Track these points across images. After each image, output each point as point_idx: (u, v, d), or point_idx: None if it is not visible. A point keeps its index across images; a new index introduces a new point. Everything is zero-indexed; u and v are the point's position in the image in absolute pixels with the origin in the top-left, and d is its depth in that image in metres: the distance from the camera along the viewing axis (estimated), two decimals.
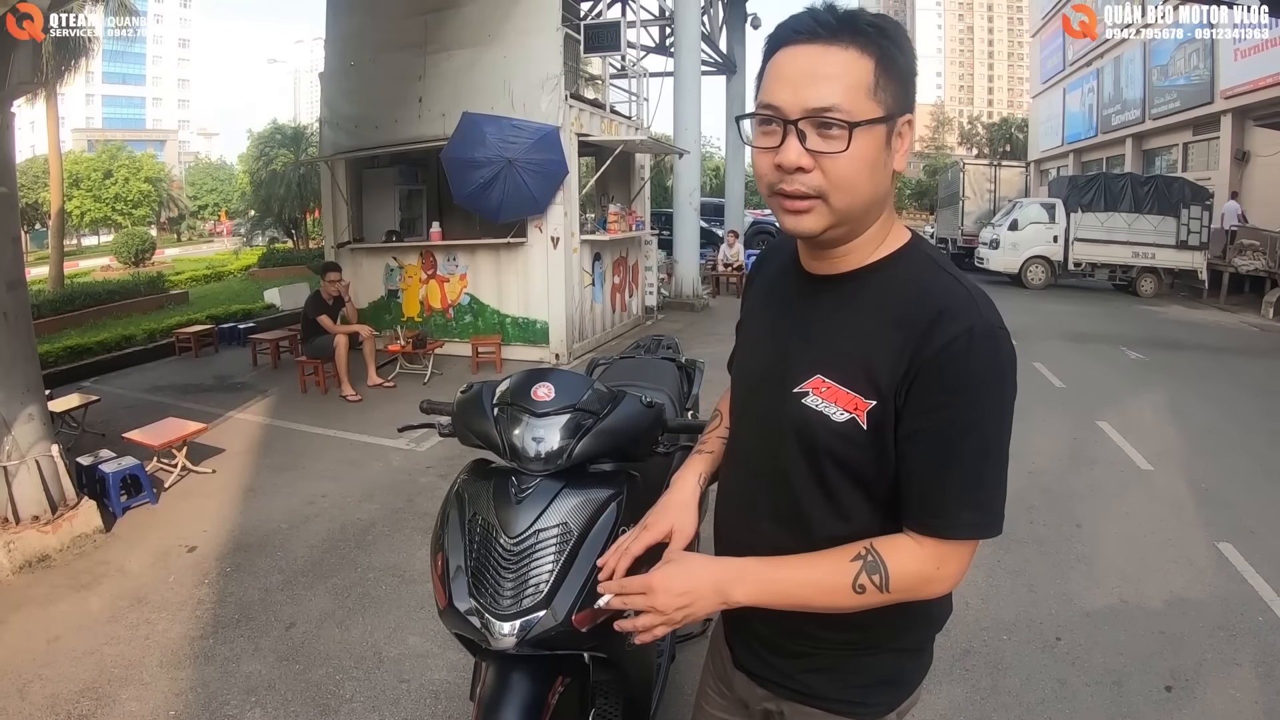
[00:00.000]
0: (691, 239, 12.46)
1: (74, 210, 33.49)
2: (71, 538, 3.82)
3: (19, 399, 3.73)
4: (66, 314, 11.62)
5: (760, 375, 1.08)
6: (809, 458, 0.99)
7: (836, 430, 0.96)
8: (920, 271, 0.98)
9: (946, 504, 0.94)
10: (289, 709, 2.55)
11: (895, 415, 0.93)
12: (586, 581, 1.37)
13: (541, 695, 1.39)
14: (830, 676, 1.08)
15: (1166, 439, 5.58)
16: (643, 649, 1.62)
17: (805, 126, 0.90)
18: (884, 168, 0.94)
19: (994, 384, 0.92)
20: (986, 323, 0.92)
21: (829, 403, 0.96)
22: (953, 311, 0.91)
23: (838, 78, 0.89)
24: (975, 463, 0.93)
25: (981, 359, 0.91)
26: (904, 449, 0.94)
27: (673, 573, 1.01)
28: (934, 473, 0.93)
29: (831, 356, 0.97)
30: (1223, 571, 3.55)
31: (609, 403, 1.53)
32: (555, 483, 1.44)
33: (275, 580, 3.49)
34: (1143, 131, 21.33)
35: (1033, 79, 33.21)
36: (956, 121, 62.40)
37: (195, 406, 6.54)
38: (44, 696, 2.65)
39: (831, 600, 0.96)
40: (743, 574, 0.99)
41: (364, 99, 9.04)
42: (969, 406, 0.91)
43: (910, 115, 0.95)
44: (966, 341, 0.90)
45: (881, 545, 0.96)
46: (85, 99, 58.12)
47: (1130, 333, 10.32)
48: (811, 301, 1.03)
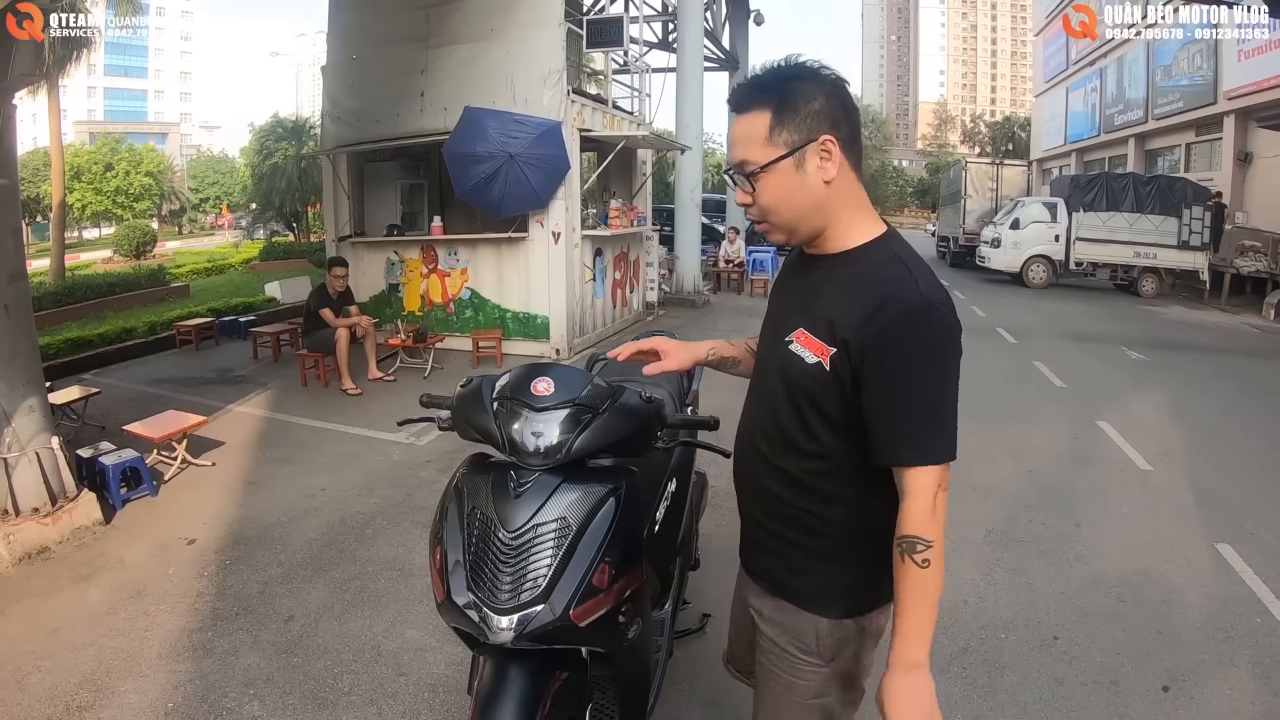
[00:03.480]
0: (693, 235, 12.45)
1: (75, 203, 33.43)
2: (71, 530, 3.82)
3: (19, 391, 3.73)
4: (67, 306, 11.63)
5: (769, 326, 1.40)
6: (788, 389, 1.29)
7: (807, 371, 1.25)
8: (879, 262, 1.25)
9: (898, 445, 1.19)
10: (287, 702, 2.56)
11: (852, 372, 1.20)
12: (585, 576, 1.37)
13: (539, 690, 1.39)
14: (804, 578, 1.35)
15: (1167, 439, 5.58)
16: (640, 645, 1.62)
17: (737, 176, 1.27)
18: (806, 185, 1.23)
19: (928, 353, 1.18)
20: (925, 302, 1.18)
21: (805, 349, 1.26)
22: (895, 298, 1.18)
23: (744, 139, 1.25)
24: (911, 409, 1.18)
25: (918, 334, 1.17)
26: (865, 405, 1.20)
27: (885, 696, 1.19)
28: (884, 414, 1.19)
29: (809, 315, 1.27)
30: (1221, 572, 3.55)
31: (608, 398, 1.53)
32: (554, 477, 1.44)
33: (274, 573, 3.49)
34: (1145, 131, 21.29)
35: (1036, 78, 33.14)
36: (959, 120, 62.23)
37: (195, 399, 6.55)
38: (43, 688, 2.65)
39: (930, 584, 1.19)
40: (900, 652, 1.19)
41: (366, 92, 9.03)
42: (905, 365, 1.17)
43: (828, 135, 1.21)
44: (904, 321, 1.16)
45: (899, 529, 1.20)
46: (87, 91, 58.06)
47: (1131, 333, 10.33)
48: (805, 276, 1.34)
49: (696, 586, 3.22)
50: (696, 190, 12.41)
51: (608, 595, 1.41)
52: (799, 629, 1.35)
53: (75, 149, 36.05)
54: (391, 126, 8.89)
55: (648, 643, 1.71)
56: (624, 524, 1.47)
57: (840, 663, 1.36)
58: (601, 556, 1.40)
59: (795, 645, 1.36)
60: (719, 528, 3.89)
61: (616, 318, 10.07)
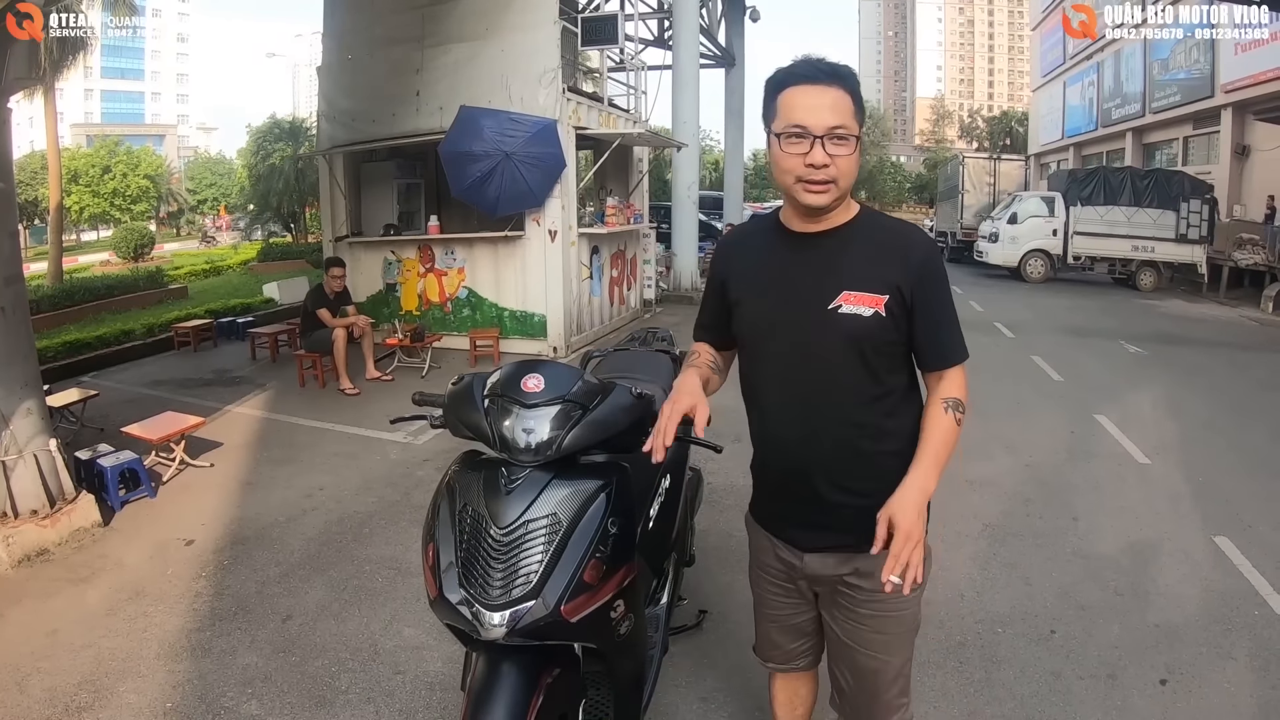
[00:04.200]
0: (690, 232, 12.45)
1: (73, 206, 33.35)
2: (70, 531, 3.83)
3: (17, 394, 3.73)
4: (65, 309, 11.61)
5: (783, 310, 1.48)
6: (852, 346, 1.43)
7: (867, 324, 1.42)
8: (883, 222, 1.52)
9: (948, 347, 1.49)
10: (285, 701, 2.56)
11: (905, 304, 1.43)
12: (576, 572, 1.38)
13: (531, 685, 1.40)
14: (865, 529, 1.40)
15: (1165, 433, 5.57)
16: (633, 640, 1.63)
17: (827, 138, 1.37)
18: (858, 162, 1.42)
19: (943, 275, 1.49)
20: (927, 238, 1.54)
21: (859, 305, 1.42)
22: (915, 240, 1.48)
23: (838, 107, 1.37)
24: (952, 322, 1.49)
25: (936, 263, 1.48)
26: (918, 323, 1.45)
27: (906, 515, 1.35)
28: (938, 333, 1.48)
29: (850, 278, 1.43)
30: (1219, 565, 3.54)
31: (599, 394, 1.54)
32: (545, 474, 1.44)
33: (272, 573, 3.50)
34: (1143, 125, 21.29)
35: (1033, 72, 33.11)
36: (957, 115, 62.15)
37: (194, 400, 6.55)
38: (43, 689, 2.66)
39: (955, 440, 1.46)
40: (923, 475, 1.40)
41: (362, 93, 9.03)
42: (941, 291, 1.48)
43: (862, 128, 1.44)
44: (928, 254, 1.47)
45: (945, 393, 1.47)
46: (84, 94, 57.96)
47: (1129, 327, 10.33)
48: (813, 251, 1.47)
49: (693, 583, 3.23)
50: (693, 187, 12.40)
51: (599, 591, 1.42)
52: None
53: (72, 152, 35.94)
54: (387, 127, 8.88)
55: (641, 638, 1.71)
56: (615, 520, 1.47)
57: (920, 590, 1.48)
58: (592, 552, 1.41)
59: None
60: (716, 524, 3.90)
61: (614, 315, 10.07)
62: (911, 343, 1.47)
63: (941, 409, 1.45)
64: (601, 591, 1.43)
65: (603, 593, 1.43)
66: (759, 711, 2.43)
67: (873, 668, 1.58)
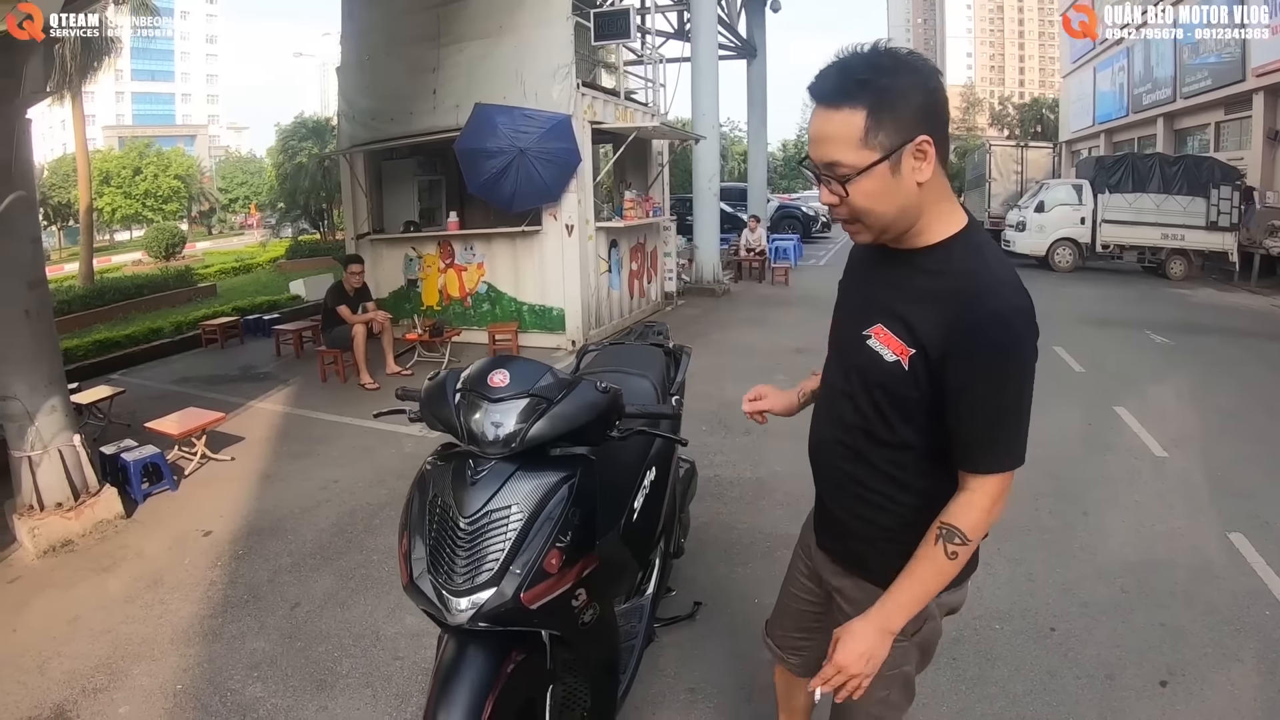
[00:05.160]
0: (712, 224, 12.39)
1: (105, 207, 34.24)
2: (93, 523, 3.97)
3: (42, 392, 3.88)
4: (96, 309, 11.96)
5: (845, 319, 1.38)
6: (865, 385, 1.29)
7: (885, 368, 1.24)
8: (962, 262, 1.21)
9: (972, 450, 1.21)
10: (288, 684, 2.66)
11: (930, 375, 1.19)
12: (536, 560, 1.42)
13: (495, 669, 1.45)
14: (887, 560, 1.33)
15: (1185, 425, 5.46)
16: (601, 629, 1.67)
17: (825, 175, 1.18)
18: (896, 190, 1.17)
19: (1006, 363, 1.16)
20: (1008, 304, 1.16)
21: (884, 346, 1.24)
22: (977, 305, 1.15)
23: (834, 138, 1.15)
24: (998, 418, 1.19)
25: (997, 344, 1.15)
26: (949, 406, 1.20)
27: (848, 647, 1.26)
28: (970, 426, 1.20)
29: (889, 313, 1.24)
30: (1232, 563, 3.45)
31: (564, 389, 1.58)
32: (509, 465, 1.49)
33: (284, 562, 3.60)
34: (1174, 111, 20.68)
35: (1063, 58, 32.33)
36: (987, 102, 61.03)
37: (219, 396, 6.72)
38: (62, 672, 2.79)
39: (947, 574, 1.25)
40: (888, 613, 1.26)
41: (380, 92, 9.15)
42: (989, 373, 1.16)
43: (924, 136, 1.14)
44: (986, 330, 1.14)
45: (947, 516, 1.23)
46: (115, 96, 59.37)
47: (1156, 316, 10.10)
48: (886, 270, 1.29)
49: (690, 574, 3.27)
50: (714, 179, 12.34)
51: (559, 580, 1.46)
52: None
53: (104, 154, 36.88)
54: (405, 125, 8.99)
55: (610, 628, 1.75)
56: (576, 511, 1.51)
57: (921, 635, 1.41)
58: (552, 542, 1.45)
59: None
60: (719, 517, 3.93)
61: (634, 308, 10.09)
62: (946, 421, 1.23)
63: (934, 538, 1.23)
64: (562, 580, 1.47)
65: (563, 581, 1.48)
66: (746, 704, 2.46)
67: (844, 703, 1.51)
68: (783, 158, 51.25)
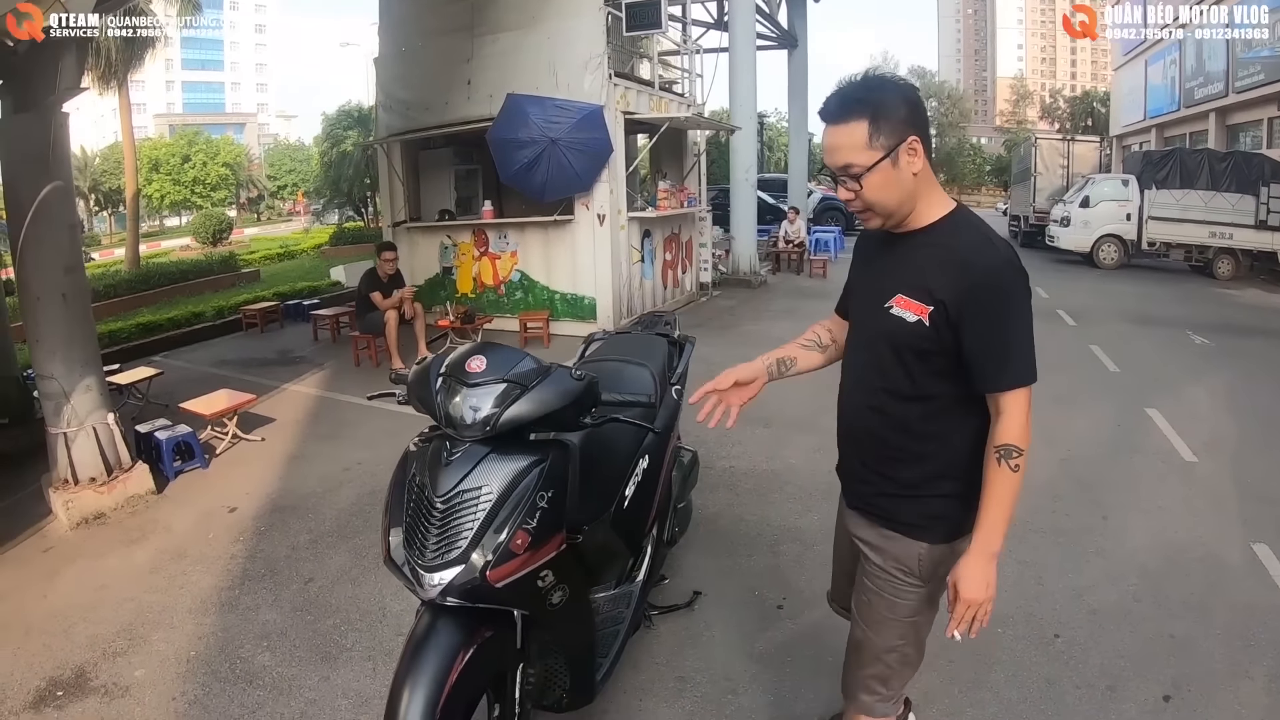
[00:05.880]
0: (748, 215, 12.30)
1: (154, 193, 35.39)
2: (125, 498, 4.17)
3: (78, 372, 4.09)
4: (141, 293, 12.36)
5: (863, 298, 1.62)
6: (893, 347, 1.51)
7: (909, 329, 1.48)
8: (958, 230, 1.49)
9: (998, 374, 1.45)
10: (295, 655, 2.77)
11: (949, 319, 1.43)
12: (503, 540, 1.47)
13: (462, 643, 1.52)
14: (909, 509, 1.58)
15: (1218, 430, 5.26)
16: (572, 611, 1.71)
17: (842, 176, 1.46)
18: (898, 181, 1.45)
19: (1009, 295, 1.43)
20: (999, 259, 1.45)
21: (905, 310, 1.48)
22: (979, 260, 1.44)
23: (846, 146, 1.44)
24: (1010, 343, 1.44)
25: (998, 283, 1.43)
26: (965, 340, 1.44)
27: (968, 582, 1.49)
28: (984, 353, 1.44)
29: (905, 282, 1.49)
30: (1253, 574, 3.30)
31: (539, 375, 1.62)
32: (482, 448, 1.55)
33: (303, 539, 3.73)
34: (1226, 106, 19.79)
35: (1114, 50, 31.18)
36: (1037, 95, 59.31)
37: (254, 379, 6.93)
38: (86, 636, 2.96)
39: (1016, 487, 1.47)
40: (985, 538, 1.49)
41: (416, 83, 9.30)
42: (995, 311, 1.43)
43: (915, 135, 1.43)
44: (988, 275, 1.43)
45: (996, 440, 1.46)
46: (166, 85, 61.26)
47: (1199, 316, 9.74)
48: (893, 251, 1.55)
49: (692, 563, 3.29)
50: (751, 170, 12.24)
51: (525, 560, 1.52)
52: (904, 554, 1.59)
53: (154, 142, 38.08)
54: (441, 115, 9.13)
55: (583, 611, 1.80)
56: (544, 495, 1.56)
57: (933, 583, 1.61)
58: (520, 524, 1.50)
59: (900, 569, 1.60)
60: (730, 507, 3.95)
61: (667, 298, 10.09)
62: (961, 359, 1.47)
63: (994, 460, 1.47)
64: (527, 560, 1.53)
65: (529, 561, 1.53)
66: (732, 694, 2.49)
67: (859, 638, 1.71)
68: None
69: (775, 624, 2.92)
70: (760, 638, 2.82)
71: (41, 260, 4.02)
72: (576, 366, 2.79)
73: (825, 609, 2.99)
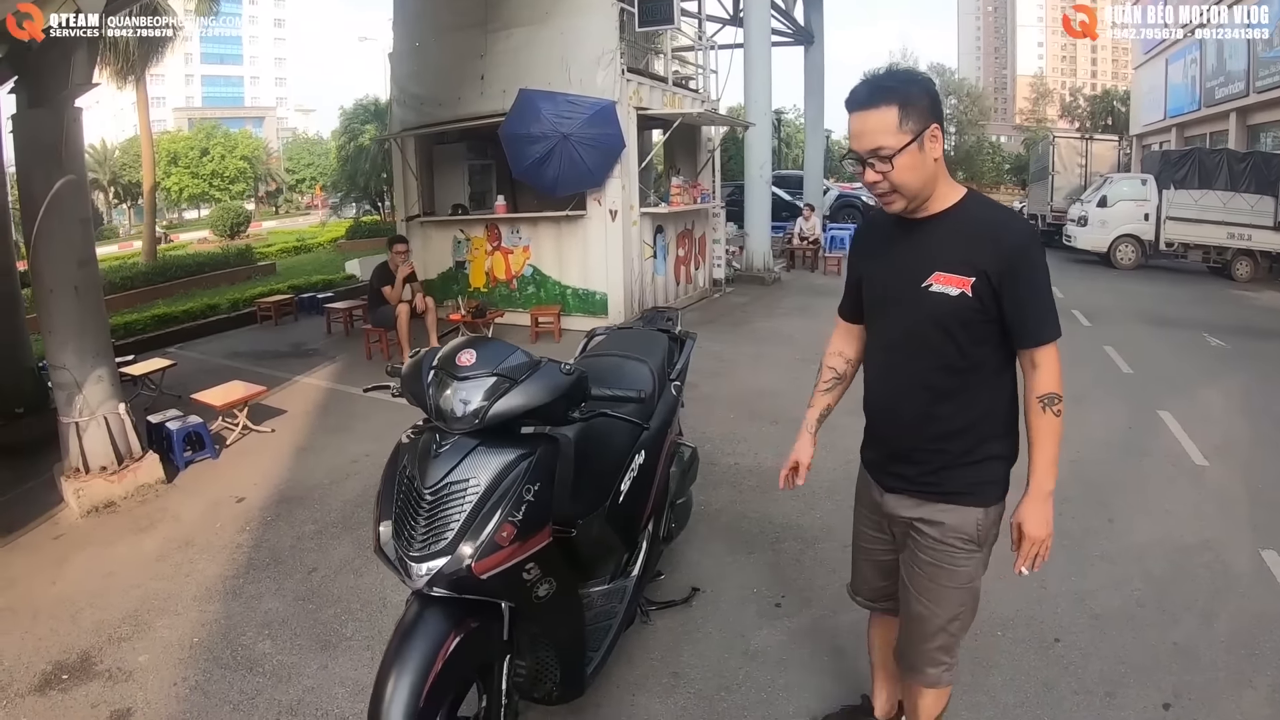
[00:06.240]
0: (763, 212, 12.24)
1: (173, 186, 35.75)
2: (135, 487, 4.23)
3: (89, 363, 4.16)
4: (159, 284, 12.50)
5: (889, 286, 1.71)
6: (939, 324, 1.62)
7: (952, 302, 1.59)
8: (979, 209, 1.65)
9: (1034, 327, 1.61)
10: (296, 643, 2.82)
11: (991, 287, 1.56)
12: (489, 533, 1.49)
13: (448, 631, 1.55)
14: (962, 479, 1.68)
15: (1231, 433, 5.18)
16: (560, 605, 1.72)
17: (871, 159, 1.56)
18: (923, 164, 1.56)
19: (1037, 260, 1.59)
20: (1023, 229, 1.64)
21: (947, 286, 1.59)
22: (1008, 228, 1.60)
23: (876, 129, 1.54)
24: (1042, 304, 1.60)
25: (1028, 250, 1.59)
26: (1006, 303, 1.58)
27: (1031, 521, 1.65)
28: (1025, 313, 1.60)
29: (940, 261, 1.60)
30: (1261, 582, 3.23)
31: (528, 370, 1.63)
32: (471, 440, 1.57)
33: (308, 530, 3.78)
34: (1247, 105, 19.43)
35: (1134, 49, 30.77)
36: (1057, 94, 58.55)
37: (267, 371, 7.00)
38: (92, 621, 3.02)
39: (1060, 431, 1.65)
40: (1040, 480, 1.64)
41: (430, 78, 9.34)
42: (1030, 273, 1.58)
43: (936, 124, 1.56)
44: (1019, 241, 1.59)
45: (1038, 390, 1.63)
46: (185, 79, 61.85)
47: (1216, 318, 9.60)
48: (914, 236, 1.65)
49: (692, 559, 3.30)
50: (766, 166, 12.18)
51: (510, 552, 1.54)
52: (962, 523, 1.70)
53: (173, 135, 38.44)
54: (454, 110, 9.17)
55: (571, 605, 1.81)
56: (531, 488, 1.57)
57: (987, 546, 1.74)
58: (506, 516, 1.52)
59: (960, 538, 1.70)
60: (733, 504, 3.95)
61: (680, 294, 10.06)
62: (1003, 322, 1.61)
63: (1039, 408, 1.63)
64: (513, 552, 1.54)
65: (514, 554, 1.55)
66: (725, 692, 2.49)
67: (920, 614, 1.78)
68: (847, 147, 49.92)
69: (772, 622, 2.91)
70: (756, 636, 2.81)
71: (54, 253, 4.09)
72: (576, 361, 2.81)
73: (823, 608, 3.01)
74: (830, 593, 3.07)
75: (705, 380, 6.35)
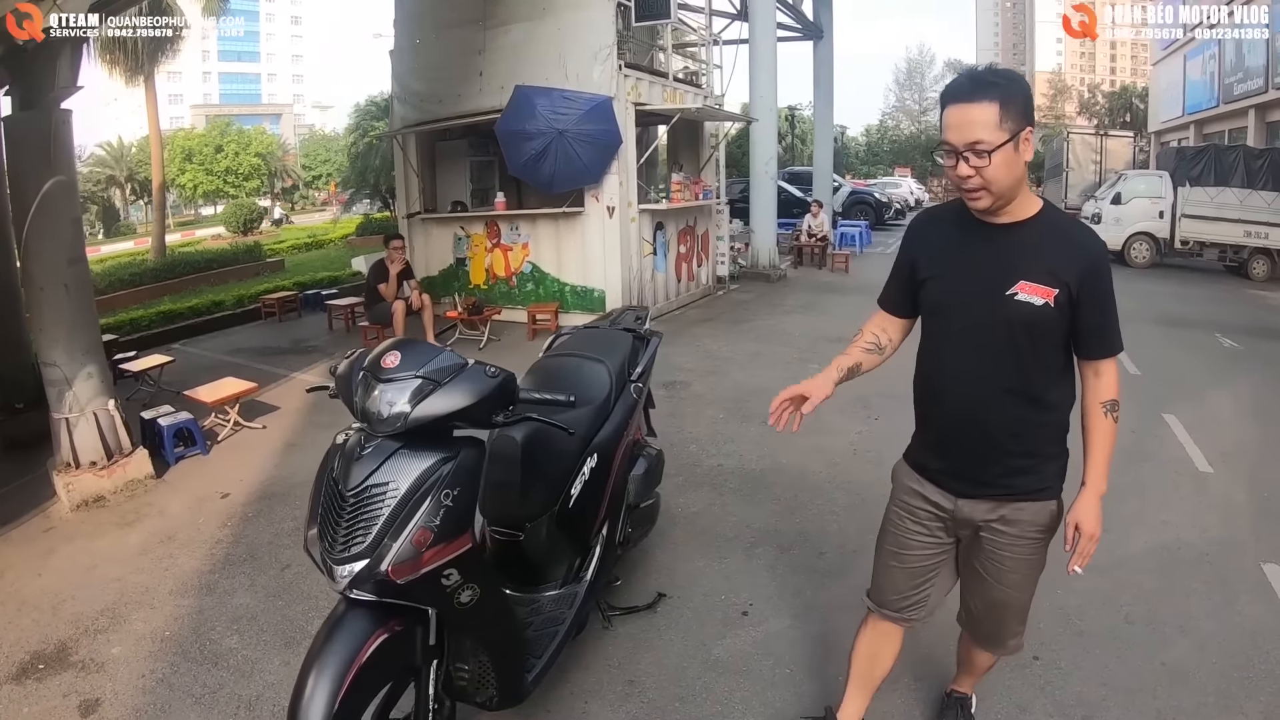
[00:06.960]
0: (768, 209, 12.12)
1: (187, 183, 36.07)
2: (124, 482, 4.27)
3: (79, 360, 4.21)
4: (167, 281, 12.62)
5: (966, 291, 1.71)
6: (1025, 331, 1.65)
7: (1036, 311, 1.63)
8: (1059, 220, 1.69)
9: (1106, 340, 1.70)
10: (261, 638, 2.83)
11: (1071, 298, 1.62)
12: (404, 537, 1.48)
13: (369, 634, 1.53)
14: (1039, 477, 1.77)
15: (1238, 438, 5.01)
16: (487, 610, 1.70)
17: (967, 153, 1.56)
18: (1016, 164, 1.57)
19: (1108, 275, 1.66)
20: (1099, 242, 1.71)
21: (1032, 295, 1.63)
22: (1089, 245, 1.66)
23: (977, 122, 1.54)
24: (1112, 317, 1.69)
25: (1103, 265, 1.65)
26: (1082, 316, 1.65)
27: (1088, 520, 1.72)
28: (1099, 326, 1.68)
29: (1027, 269, 1.63)
30: (1261, 598, 3.06)
31: (453, 372, 1.61)
32: (392, 444, 1.55)
33: (287, 526, 3.78)
34: (1266, 102, 19.08)
35: (1153, 45, 30.29)
36: (1075, 90, 57.79)
37: (265, 367, 7.03)
38: (71, 613, 3.06)
39: (1115, 435, 1.75)
40: (1095, 481, 1.74)
41: (430, 75, 9.33)
42: (1105, 289, 1.66)
43: (1030, 126, 1.58)
44: (1097, 255, 1.66)
45: (1099, 397, 1.72)
46: (203, 76, 62.47)
47: (1230, 318, 9.40)
48: (996, 243, 1.67)
49: (663, 563, 3.25)
50: (771, 162, 12.06)
51: (427, 557, 1.52)
52: (1039, 517, 1.78)
53: (187, 132, 38.74)
54: (453, 106, 9.15)
55: (499, 611, 1.78)
56: (450, 493, 1.55)
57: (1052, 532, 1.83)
58: (422, 521, 1.49)
59: (1038, 530, 1.79)
60: (710, 507, 3.89)
61: (681, 292, 9.99)
62: (1074, 331, 1.67)
63: (1101, 413, 1.72)
64: (428, 558, 1.52)
65: (430, 559, 1.53)
66: (680, 702, 2.44)
67: (1004, 600, 1.89)
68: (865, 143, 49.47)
69: (737, 630, 2.84)
70: (719, 644, 2.74)
71: (45, 252, 4.14)
72: (540, 359, 2.77)
73: (791, 616, 2.93)
74: (801, 601, 3.01)
75: (698, 379, 6.31)
